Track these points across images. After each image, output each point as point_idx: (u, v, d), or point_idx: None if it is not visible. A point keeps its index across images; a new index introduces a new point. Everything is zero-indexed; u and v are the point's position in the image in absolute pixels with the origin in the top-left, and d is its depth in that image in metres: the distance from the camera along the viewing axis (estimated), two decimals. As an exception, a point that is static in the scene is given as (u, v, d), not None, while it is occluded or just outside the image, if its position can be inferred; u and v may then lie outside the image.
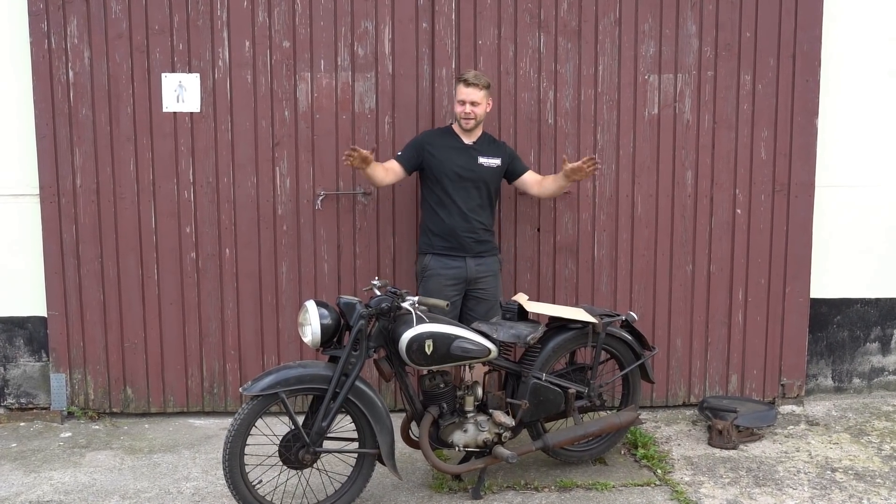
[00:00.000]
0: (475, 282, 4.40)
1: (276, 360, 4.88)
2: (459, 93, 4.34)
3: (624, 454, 4.39)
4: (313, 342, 3.59)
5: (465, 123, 4.36)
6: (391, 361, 3.75)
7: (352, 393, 3.61)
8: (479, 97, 4.32)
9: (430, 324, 3.65)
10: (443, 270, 4.36)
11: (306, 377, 3.56)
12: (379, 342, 3.70)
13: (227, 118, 4.72)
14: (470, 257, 4.38)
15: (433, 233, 4.41)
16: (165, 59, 4.67)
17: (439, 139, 4.44)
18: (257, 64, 4.70)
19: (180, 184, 4.75)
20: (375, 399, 3.67)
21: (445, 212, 4.37)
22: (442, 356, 3.68)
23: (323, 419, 3.56)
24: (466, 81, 4.30)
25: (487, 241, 4.45)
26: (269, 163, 4.76)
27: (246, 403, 3.55)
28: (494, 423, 3.85)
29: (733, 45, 4.81)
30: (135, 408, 4.89)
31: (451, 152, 4.38)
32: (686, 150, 4.86)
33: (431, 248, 4.41)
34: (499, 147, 4.51)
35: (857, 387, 5.23)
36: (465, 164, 4.37)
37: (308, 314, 3.60)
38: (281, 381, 3.52)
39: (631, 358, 4.23)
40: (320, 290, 4.84)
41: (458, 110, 4.36)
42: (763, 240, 4.94)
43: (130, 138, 4.71)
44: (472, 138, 4.44)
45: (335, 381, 3.56)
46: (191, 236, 4.78)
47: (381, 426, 3.66)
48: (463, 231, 4.36)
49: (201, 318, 4.84)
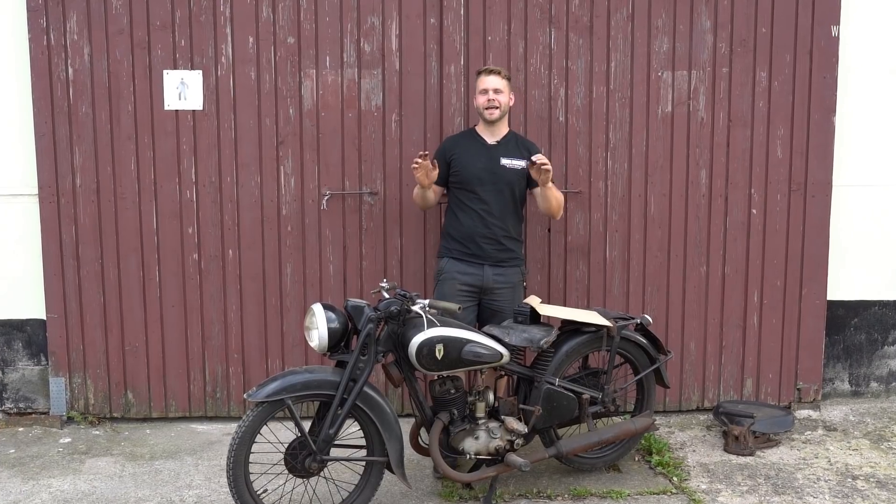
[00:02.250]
0: (490, 292, 4.17)
1: (281, 364, 4.77)
2: (481, 83, 4.15)
3: (638, 461, 4.27)
4: (320, 347, 3.47)
5: (489, 114, 4.13)
6: (400, 366, 3.63)
7: (360, 399, 3.49)
8: (503, 85, 4.13)
9: (440, 327, 3.54)
10: (458, 275, 4.16)
11: (313, 383, 3.45)
12: (388, 346, 3.59)
13: (230, 116, 4.61)
14: (489, 265, 4.15)
15: (451, 237, 4.22)
16: (167, 56, 4.56)
17: (461, 141, 4.27)
18: (261, 60, 4.59)
19: (182, 183, 4.64)
20: (384, 405, 3.56)
21: (465, 215, 4.17)
22: (453, 361, 3.56)
23: (330, 426, 3.45)
24: (488, 70, 4.15)
25: (510, 250, 4.20)
26: (274, 162, 4.65)
27: (251, 410, 3.43)
28: (507, 430, 3.73)
29: (749, 40, 4.69)
30: (136, 413, 4.78)
31: (473, 154, 4.19)
32: (700, 148, 4.75)
33: (449, 251, 4.22)
34: (524, 147, 4.24)
35: (874, 391, 5.11)
36: (486, 166, 4.15)
37: (315, 318, 3.48)
38: (287, 387, 3.40)
39: (646, 362, 4.12)
40: (325, 292, 4.73)
41: (480, 102, 4.16)
42: (779, 240, 4.82)
43: (131, 137, 4.60)
44: (495, 136, 4.22)
45: (343, 387, 3.44)
46: (193, 237, 4.67)
47: (389, 433, 3.55)
48: (482, 237, 4.14)
49: (204, 321, 4.73)
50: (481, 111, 4.17)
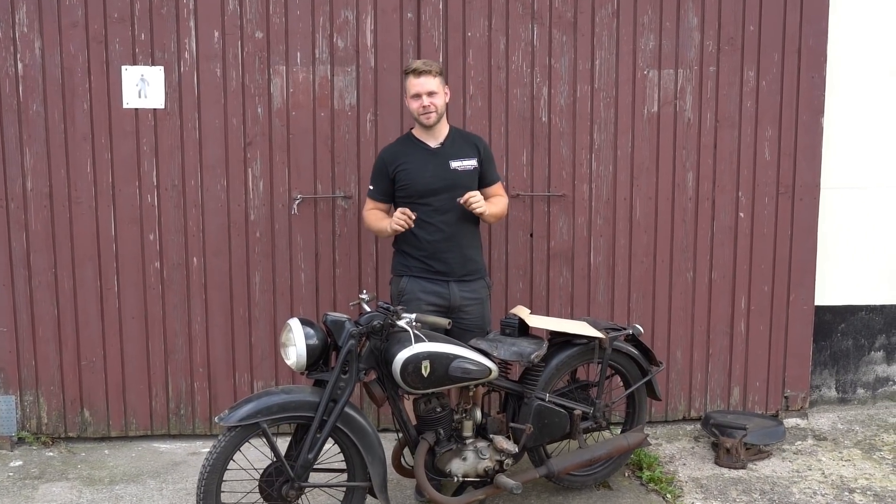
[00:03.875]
0: (458, 310, 3.79)
1: (249, 378, 4.50)
2: (411, 86, 3.72)
3: (628, 476, 4.10)
4: (298, 365, 3.22)
5: (425, 119, 3.74)
6: (383, 384, 3.40)
7: (340, 420, 3.25)
8: (435, 85, 3.71)
9: (426, 343, 3.31)
10: (422, 294, 3.77)
11: (290, 404, 3.19)
12: (370, 363, 3.35)
13: (194, 115, 4.33)
14: (454, 282, 3.79)
15: (408, 254, 3.82)
16: (126, 51, 4.26)
17: (402, 150, 3.84)
18: (227, 56, 4.31)
19: (143, 187, 4.34)
20: (366, 426, 3.32)
21: (421, 230, 3.75)
22: (440, 378, 3.34)
23: (309, 450, 3.20)
24: (416, 71, 3.70)
25: (474, 261, 3.86)
26: (241, 164, 4.38)
27: (222, 435, 3.17)
28: (496, 450, 3.52)
29: (736, 38, 4.54)
30: (93, 432, 4.47)
31: (418, 162, 3.78)
32: (687, 150, 4.59)
33: (408, 269, 3.82)
34: (472, 143, 3.89)
35: (861, 397, 5.01)
36: (436, 173, 3.76)
37: (292, 334, 3.23)
38: (262, 410, 3.15)
39: (637, 374, 3.94)
40: (297, 302, 4.47)
41: (413, 107, 3.74)
42: (766, 245, 4.68)
43: (87, 137, 4.29)
44: (437, 139, 3.82)
45: (323, 408, 3.20)
46: (154, 244, 4.38)
47: (372, 456, 3.32)
48: (444, 251, 3.76)
49: (166, 334, 4.44)
50: (416, 117, 3.79)
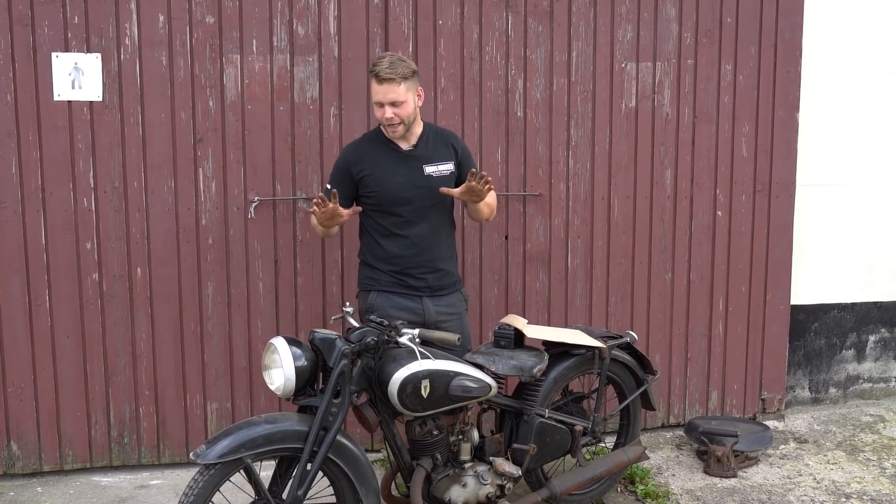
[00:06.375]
0: (434, 326, 3.38)
1: (202, 400, 4.07)
2: (374, 92, 3.29)
3: (622, 492, 3.87)
4: (285, 390, 2.85)
5: (391, 132, 3.37)
6: (376, 407, 3.05)
7: (332, 450, 2.90)
8: (401, 93, 3.25)
9: (427, 360, 2.99)
10: (393, 311, 3.38)
11: (276, 435, 2.82)
12: (361, 385, 3.01)
13: (136, 109, 3.87)
14: (427, 297, 3.44)
15: (376, 268, 3.45)
16: (57, 36, 3.76)
17: (369, 150, 3.44)
18: (174, 43, 3.87)
19: (78, 189, 3.86)
20: (360, 456, 2.98)
21: (390, 242, 3.41)
22: (440, 398, 3.03)
23: (299, 486, 2.83)
24: (379, 77, 3.23)
25: (449, 273, 3.51)
26: (191, 163, 3.94)
27: (199, 474, 2.77)
28: (497, 474, 3.23)
29: (714, 31, 4.38)
30: (22, 468, 3.95)
31: (387, 167, 3.39)
32: (665, 146, 4.40)
33: (376, 284, 3.45)
34: (447, 143, 3.51)
35: (833, 397, 4.94)
36: (407, 181, 3.38)
37: (277, 355, 2.85)
38: (246, 443, 2.77)
39: (632, 384, 3.72)
40: (254, 315, 4.07)
41: (377, 115, 3.34)
42: (744, 244, 4.55)
43: (11, 133, 3.77)
44: (409, 141, 3.43)
45: (314, 438, 2.83)
46: (92, 253, 3.89)
47: (367, 488, 2.98)
48: (415, 265, 3.41)
49: (107, 353, 3.96)
50: (383, 126, 3.43)
